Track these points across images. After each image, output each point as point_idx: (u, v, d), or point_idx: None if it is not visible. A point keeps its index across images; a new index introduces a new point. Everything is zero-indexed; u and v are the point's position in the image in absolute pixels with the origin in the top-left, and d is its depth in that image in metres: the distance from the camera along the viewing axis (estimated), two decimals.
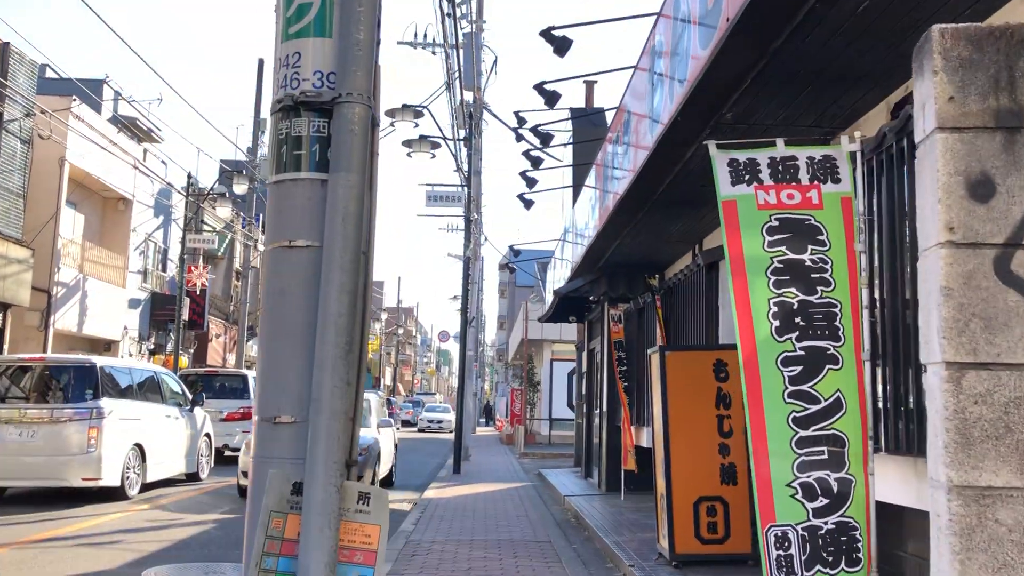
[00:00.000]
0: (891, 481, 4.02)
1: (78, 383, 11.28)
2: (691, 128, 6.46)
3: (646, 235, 10.16)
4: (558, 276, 16.50)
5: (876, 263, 4.33)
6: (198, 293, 26.52)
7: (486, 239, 44.68)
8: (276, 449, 2.33)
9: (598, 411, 13.00)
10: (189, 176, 23.33)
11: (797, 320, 3.76)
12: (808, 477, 3.68)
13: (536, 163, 12.79)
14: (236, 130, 67.79)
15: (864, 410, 3.76)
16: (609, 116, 10.51)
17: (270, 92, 2.56)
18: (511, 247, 19.80)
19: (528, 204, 13.98)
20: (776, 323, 3.74)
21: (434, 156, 18.09)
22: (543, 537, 9.06)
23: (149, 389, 12.82)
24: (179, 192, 23.98)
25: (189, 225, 23.65)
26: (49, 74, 21.77)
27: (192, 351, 27.56)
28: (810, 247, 3.84)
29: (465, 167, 18.39)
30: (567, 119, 12.74)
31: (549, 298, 17.39)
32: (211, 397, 17.20)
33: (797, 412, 3.72)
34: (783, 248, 3.84)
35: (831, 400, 3.71)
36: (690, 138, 6.69)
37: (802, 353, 3.74)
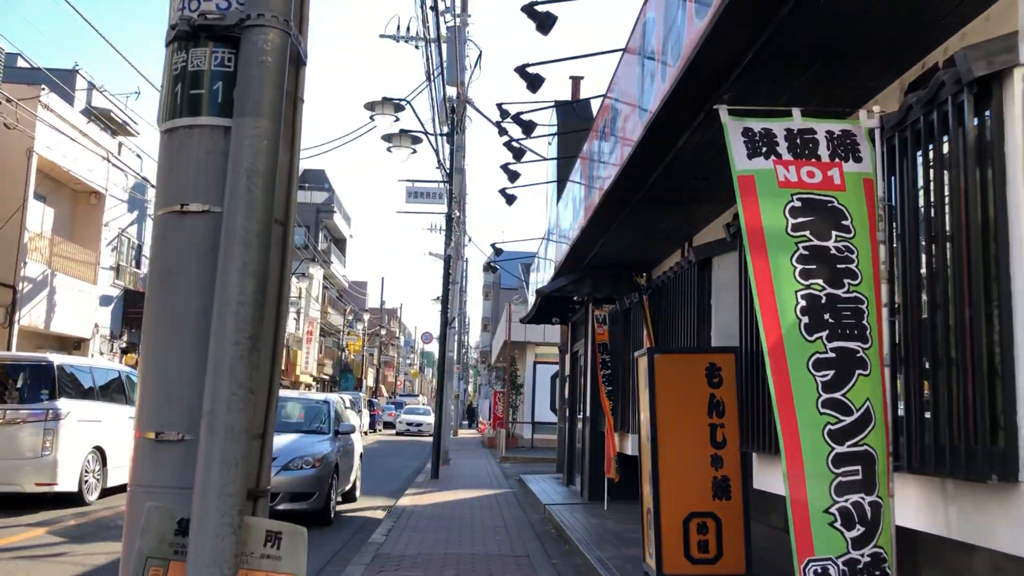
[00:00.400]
0: (912, 504, 3.52)
1: (34, 383, 10.74)
2: (684, 113, 5.96)
3: (633, 232, 9.66)
4: (541, 277, 16.01)
5: (894, 256, 3.84)
6: None
7: (470, 239, 44.22)
8: (158, 475, 1.80)
9: (581, 416, 12.49)
10: None
11: (826, 316, 3.24)
12: (846, 501, 3.14)
13: (519, 155, 12.26)
14: None
15: (887, 423, 3.26)
16: (596, 106, 10.01)
17: None
18: (494, 245, 19.28)
19: (510, 199, 13.40)
20: (805, 319, 3.23)
21: (415, 151, 17.54)
22: (521, 551, 8.53)
23: (113, 389, 12.28)
24: (153, 186, 23.26)
25: None
26: (21, 64, 21.10)
27: None
28: (834, 233, 3.33)
29: (447, 164, 17.85)
30: (550, 106, 12.20)
31: (532, 299, 16.89)
32: None
33: (832, 424, 3.18)
34: (807, 232, 3.32)
35: (862, 411, 3.20)
36: (682, 125, 6.19)
37: (833, 355, 3.22)
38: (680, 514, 5.98)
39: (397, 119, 17.30)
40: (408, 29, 21.14)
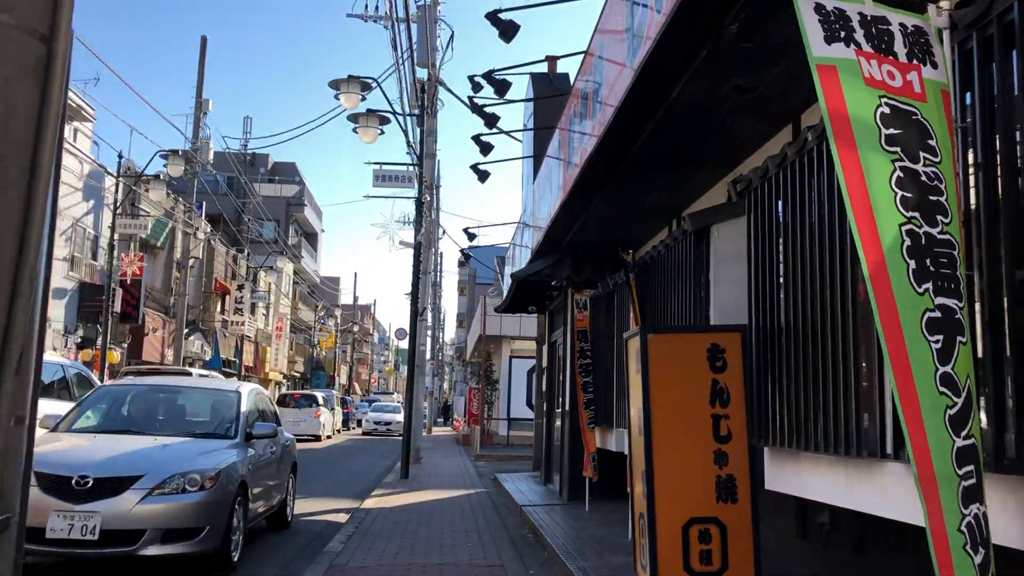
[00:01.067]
0: (1012, 514, 2.69)
1: None
2: (682, 50, 5.10)
3: (617, 207, 8.81)
4: (517, 266, 15.19)
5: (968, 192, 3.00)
6: (130, 283, 24.71)
7: (444, 232, 43.26)
8: None
9: (560, 410, 11.64)
10: (120, 155, 21.56)
11: (927, 264, 2.38)
12: (970, 514, 2.27)
13: (491, 121, 11.35)
14: (184, 119, 64.99)
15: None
16: (575, 71, 9.14)
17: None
18: (467, 230, 18.39)
19: (483, 175, 12.33)
20: (912, 264, 2.35)
21: (383, 132, 16.59)
22: (495, 559, 7.65)
23: (55, 385, 11.30)
24: (110, 174, 22.20)
25: (121, 209, 21.87)
26: None
27: (126, 345, 25.70)
28: (922, 155, 2.47)
29: (417, 147, 16.92)
30: (526, 74, 11.34)
31: (507, 287, 16.02)
32: None
33: (950, 408, 2.33)
34: (899, 150, 2.46)
35: (966, 391, 2.35)
36: (680, 66, 5.33)
37: (939, 315, 2.35)
38: (679, 520, 5.13)
39: (364, 98, 16.36)
40: (377, 8, 20.21)
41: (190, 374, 18.60)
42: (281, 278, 48.59)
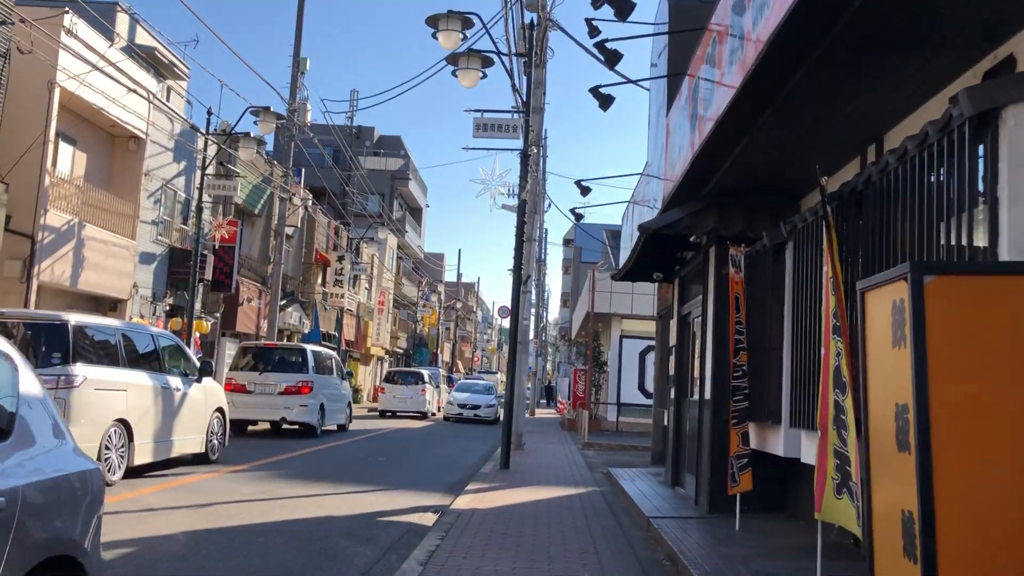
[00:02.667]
0: None
1: (46, 345, 9.08)
2: None
3: (795, 126, 6.49)
4: (635, 228, 12.96)
5: None
6: (223, 249, 23.55)
7: (550, 204, 40.97)
8: None
9: (698, 399, 9.39)
10: (209, 112, 20.25)
11: None
12: None
13: (613, 59, 9.16)
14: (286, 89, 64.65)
15: None
16: None
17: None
18: (579, 182, 16.20)
19: (605, 101, 9.87)
20: None
21: (485, 76, 14.55)
22: None
23: (143, 355, 10.66)
24: (198, 131, 20.96)
25: (213, 169, 20.63)
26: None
27: (219, 315, 24.65)
28: None
29: (523, 92, 14.81)
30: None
31: (624, 254, 13.80)
32: (269, 370, 18.19)
33: None
34: None
35: None
36: None
37: None
38: (983, 569, 2.88)
39: (465, 37, 14.33)
40: None
41: (304, 350, 19.02)
42: (384, 251, 47.50)
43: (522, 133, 14.31)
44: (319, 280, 35.60)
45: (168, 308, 21.84)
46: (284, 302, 30.49)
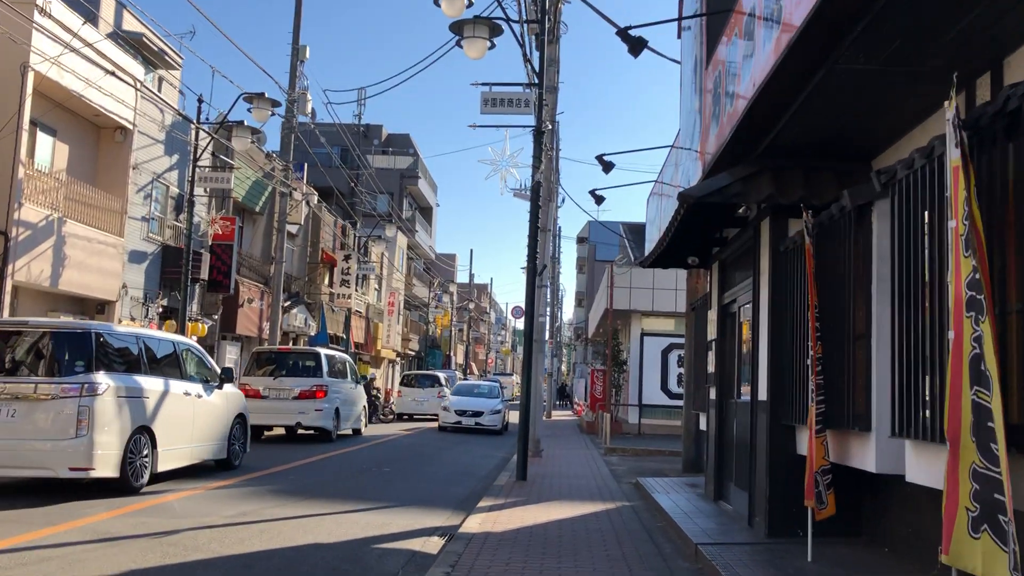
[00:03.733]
0: None
1: (69, 353, 9.21)
2: None
3: (886, 55, 5.07)
4: (663, 210, 11.58)
5: None
6: (217, 246, 22.29)
7: (564, 199, 39.47)
8: None
9: (746, 400, 7.97)
10: (200, 99, 18.95)
11: None
12: None
13: (638, 47, 7.80)
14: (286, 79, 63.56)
15: None
16: None
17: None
18: (600, 157, 14.75)
19: (637, 45, 8.22)
20: None
21: (493, 46, 13.16)
22: None
23: (164, 362, 10.67)
24: (187, 119, 19.68)
25: (204, 158, 19.35)
26: None
27: (217, 317, 23.37)
28: None
29: (535, 63, 13.40)
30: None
31: (649, 245, 12.38)
32: (284, 375, 18.07)
33: None
34: None
35: None
36: None
37: None
38: None
39: (471, 3, 12.96)
40: None
41: (319, 354, 18.82)
42: (394, 251, 46.20)
43: (535, 109, 12.91)
44: (326, 281, 34.32)
45: (161, 310, 20.56)
46: (288, 303, 29.22)
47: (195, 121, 19.23)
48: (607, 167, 16.08)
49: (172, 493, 9.70)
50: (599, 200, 18.66)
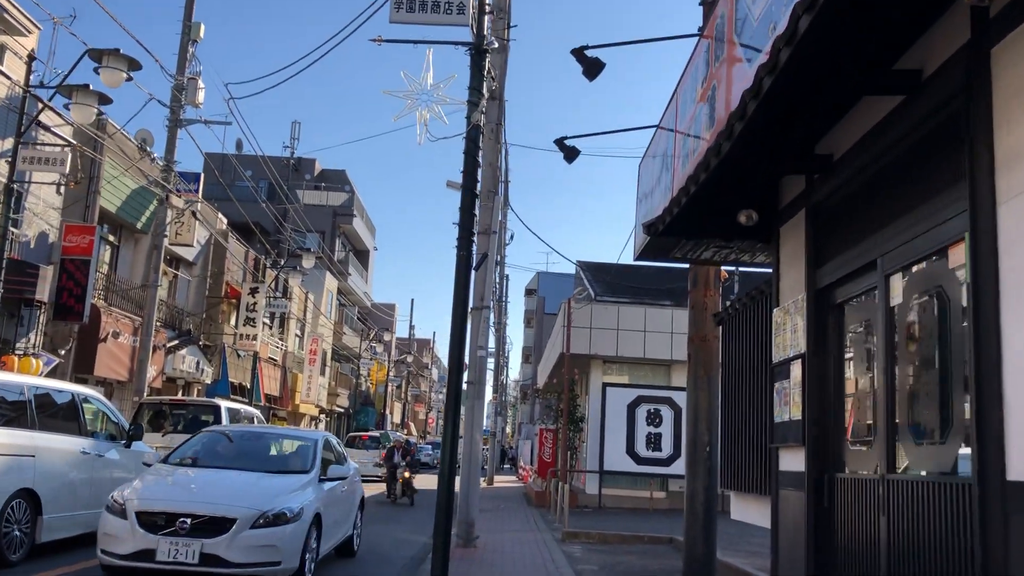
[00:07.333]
0: None
1: None
2: None
3: None
4: (655, 202, 7.41)
5: None
6: (69, 261, 17.36)
7: (512, 236, 35.19)
8: None
9: (942, 473, 3.45)
10: (31, 56, 14.17)
11: None
12: None
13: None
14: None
15: None
16: None
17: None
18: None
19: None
20: None
21: None
22: None
23: (57, 414, 9.38)
24: (9, 78, 14.87)
25: (26, 129, 14.56)
26: None
27: (66, 352, 18.22)
28: None
29: None
30: None
31: (646, 216, 7.96)
32: (174, 431, 15.73)
33: None
34: None
35: None
36: None
37: None
38: None
39: None
40: None
41: (218, 407, 16.01)
42: (321, 293, 41.22)
43: (473, 13, 8.51)
44: (231, 321, 29.24)
45: None
46: (176, 343, 24.12)
47: (25, 86, 14.44)
48: (570, 153, 11.64)
49: (50, 570, 8.14)
50: (570, 154, 12.57)
